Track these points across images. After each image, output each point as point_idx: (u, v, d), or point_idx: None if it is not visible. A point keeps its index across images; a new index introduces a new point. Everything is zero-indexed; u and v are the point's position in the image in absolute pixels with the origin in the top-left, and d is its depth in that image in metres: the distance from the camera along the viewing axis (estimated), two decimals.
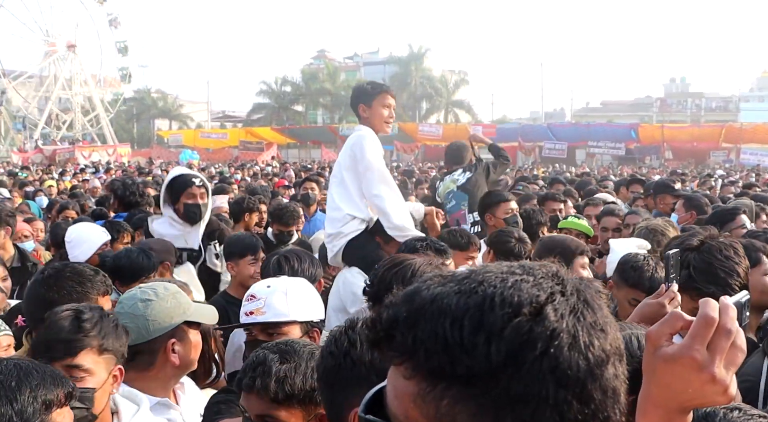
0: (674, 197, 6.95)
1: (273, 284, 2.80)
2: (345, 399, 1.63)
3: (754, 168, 32.81)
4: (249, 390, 2.00)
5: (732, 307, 1.03)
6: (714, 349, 1.02)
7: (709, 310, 1.02)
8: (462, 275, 0.92)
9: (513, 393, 0.83)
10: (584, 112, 78.33)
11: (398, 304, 0.91)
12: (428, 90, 65.23)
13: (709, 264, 2.60)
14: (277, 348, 2.06)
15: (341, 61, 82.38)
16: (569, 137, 46.82)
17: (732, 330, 1.02)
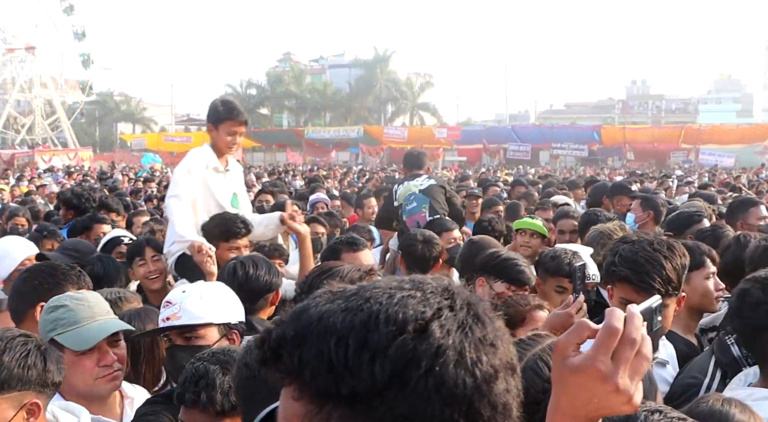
0: (630, 198, 7.03)
1: (188, 289, 2.78)
2: (261, 411, 1.60)
3: (712, 168, 33.42)
4: (193, 405, 1.96)
5: (638, 316, 1.03)
6: (618, 359, 1.02)
7: (614, 320, 1.02)
8: (351, 291, 0.89)
9: (398, 413, 0.81)
10: (548, 114, 79.20)
11: (287, 322, 0.88)
12: (393, 93, 65.33)
13: (634, 253, 2.61)
14: (215, 359, 2.02)
15: (307, 63, 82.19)
16: (533, 139, 47.33)
17: (636, 340, 1.02)
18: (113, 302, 3.08)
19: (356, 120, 63.93)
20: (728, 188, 15.13)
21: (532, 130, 52.05)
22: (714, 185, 14.69)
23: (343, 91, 67.75)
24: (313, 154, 52.19)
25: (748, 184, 18.21)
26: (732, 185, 16.95)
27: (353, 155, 52.84)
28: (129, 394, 2.70)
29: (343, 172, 27.22)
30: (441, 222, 5.49)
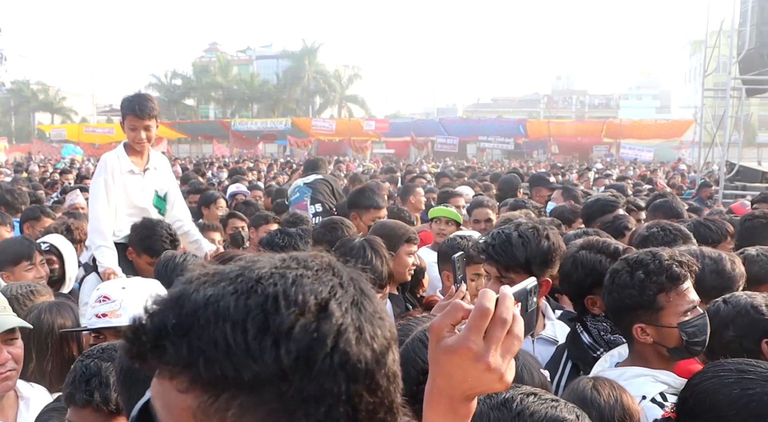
0: (549, 189, 7.28)
1: (127, 286, 2.70)
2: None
3: (632, 162, 34.52)
4: (85, 405, 1.89)
5: (509, 297, 1.05)
6: (489, 339, 1.04)
7: (485, 301, 1.04)
8: (233, 272, 0.85)
9: (306, 394, 0.80)
10: (475, 107, 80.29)
11: (164, 310, 0.82)
12: (322, 85, 65.12)
13: (507, 236, 2.79)
14: (107, 356, 1.95)
15: (234, 54, 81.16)
16: (460, 132, 47.87)
17: (507, 320, 1.04)
18: (24, 296, 3.00)
19: (284, 112, 63.46)
20: (645, 181, 15.71)
21: (460, 123, 52.65)
22: (631, 178, 15.24)
23: (270, 82, 67.14)
24: (240, 146, 51.53)
25: (666, 177, 18.88)
26: (649, 178, 17.58)
27: (281, 148, 52.43)
28: (24, 394, 2.57)
29: (269, 164, 26.95)
30: (370, 198, 5.50)
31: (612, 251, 2.76)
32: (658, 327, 2.29)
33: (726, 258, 2.92)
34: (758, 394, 1.69)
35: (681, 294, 2.27)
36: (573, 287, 2.82)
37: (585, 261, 2.76)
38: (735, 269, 2.90)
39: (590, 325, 2.77)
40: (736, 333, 2.40)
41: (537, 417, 1.49)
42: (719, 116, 13.19)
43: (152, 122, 4.46)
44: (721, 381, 1.76)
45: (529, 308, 1.19)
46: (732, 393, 1.71)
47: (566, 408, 1.53)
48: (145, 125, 4.43)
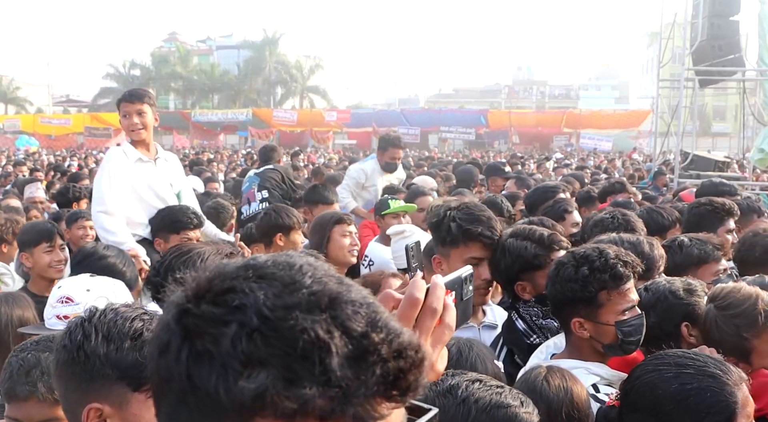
0: (504, 179, 7.34)
1: (92, 287, 2.63)
2: (79, 394, 1.57)
3: (591, 152, 34.93)
4: (28, 396, 1.85)
5: (440, 286, 1.04)
6: (419, 329, 1.02)
7: (415, 291, 1.02)
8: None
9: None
10: (437, 98, 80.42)
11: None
12: (283, 75, 64.58)
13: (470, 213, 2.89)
14: (44, 347, 1.92)
15: (193, 44, 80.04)
16: (422, 123, 47.99)
17: (437, 310, 1.03)
18: None
19: (245, 103, 62.85)
20: (601, 171, 15.95)
21: (421, 113, 52.77)
22: (589, 168, 15.45)
23: (231, 73, 66.42)
24: (201, 137, 50.98)
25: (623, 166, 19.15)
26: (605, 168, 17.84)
27: (242, 139, 51.97)
28: None
29: (230, 155, 26.72)
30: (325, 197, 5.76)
31: (537, 237, 2.78)
32: (596, 323, 2.33)
33: (644, 242, 3.00)
34: (695, 389, 1.72)
35: (622, 294, 2.32)
36: (502, 274, 2.85)
37: (512, 248, 2.79)
38: (654, 251, 2.97)
39: (522, 311, 2.81)
40: (656, 318, 2.46)
41: (481, 403, 1.51)
42: (674, 107, 13.41)
43: (145, 106, 4.39)
44: (661, 375, 1.79)
45: (464, 297, 1.19)
46: (671, 388, 1.75)
47: (510, 395, 1.56)
48: (137, 110, 4.36)
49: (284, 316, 0.71)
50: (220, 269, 0.77)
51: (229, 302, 0.72)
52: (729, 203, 4.23)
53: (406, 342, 0.74)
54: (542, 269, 2.70)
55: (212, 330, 0.71)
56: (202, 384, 0.70)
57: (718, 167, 11.32)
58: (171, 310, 0.76)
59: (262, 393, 0.69)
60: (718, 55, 11.25)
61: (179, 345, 0.73)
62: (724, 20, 11.30)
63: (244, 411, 0.69)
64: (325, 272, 0.78)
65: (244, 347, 0.69)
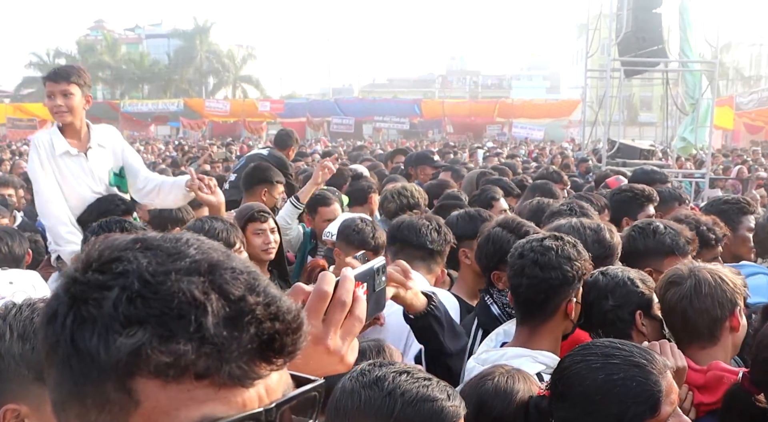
0: (433, 168, 7.38)
1: (15, 280, 2.58)
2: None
3: (523, 141, 35.51)
4: None
5: (350, 279, 1.06)
6: (328, 321, 1.04)
7: (323, 284, 1.04)
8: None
9: None
10: (371, 88, 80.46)
11: None
12: (215, 65, 63.50)
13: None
14: None
15: (121, 33, 77.89)
16: (356, 112, 47.91)
17: (346, 302, 1.04)
18: None
19: (176, 93, 61.54)
20: (532, 159, 16.26)
21: (355, 103, 52.66)
22: (519, 156, 15.73)
23: (161, 62, 64.94)
24: (131, 128, 49.69)
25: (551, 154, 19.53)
26: (536, 156, 18.19)
27: (174, 129, 50.93)
28: None
29: (161, 146, 26.17)
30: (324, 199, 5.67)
31: (523, 232, 2.85)
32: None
33: (605, 228, 3.04)
34: (621, 379, 1.75)
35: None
36: (483, 260, 2.96)
37: (495, 238, 2.88)
38: (613, 237, 3.02)
39: (495, 298, 2.88)
40: (614, 302, 2.50)
41: (408, 396, 1.51)
42: (602, 96, 13.70)
43: (72, 87, 3.93)
44: (588, 365, 1.82)
45: (377, 288, 1.21)
46: (598, 379, 1.78)
47: (438, 387, 1.55)
48: (62, 90, 3.93)
49: (164, 280, 0.73)
50: (111, 242, 0.79)
51: (113, 269, 0.75)
52: (648, 189, 4.37)
53: (284, 306, 0.77)
54: None
55: (96, 295, 0.73)
56: (84, 346, 0.72)
57: (643, 155, 11.62)
58: (61, 280, 0.79)
59: (138, 348, 0.70)
60: (642, 47, 11.52)
61: (65, 312, 0.74)
62: (647, 13, 11.57)
63: (122, 369, 0.71)
64: (211, 246, 0.80)
65: (124, 309, 0.72)
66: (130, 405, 0.73)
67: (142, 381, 0.72)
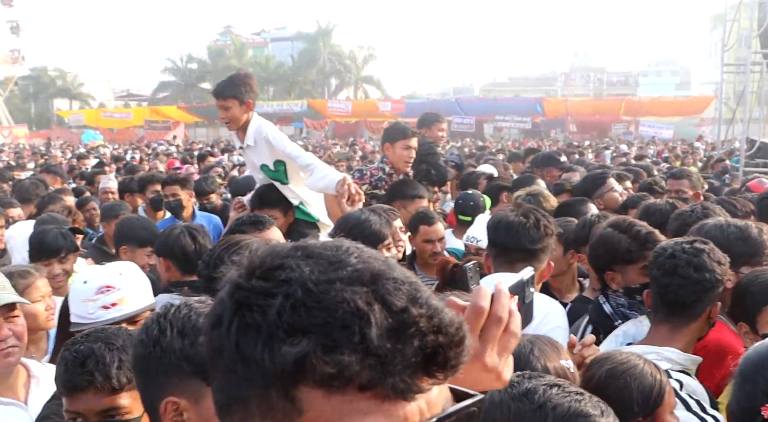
0: (560, 169, 7.19)
1: (122, 270, 2.69)
2: (157, 388, 1.59)
3: (650, 140, 34.12)
4: (86, 387, 1.86)
5: (505, 294, 1.03)
6: (485, 338, 1.02)
7: (479, 299, 1.01)
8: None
9: None
10: (492, 86, 79.77)
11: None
12: (337, 66, 64.87)
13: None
14: (95, 338, 1.93)
15: (248, 37, 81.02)
16: (477, 112, 47.57)
17: (503, 318, 1.02)
18: (20, 275, 2.98)
19: (300, 94, 63.32)
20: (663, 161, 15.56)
21: (476, 102, 52.34)
22: (648, 157, 15.08)
23: (286, 64, 67.00)
24: None
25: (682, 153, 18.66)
26: (666, 157, 17.40)
27: (297, 130, 52.41)
28: (36, 373, 2.58)
29: None
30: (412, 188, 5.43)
31: (634, 233, 2.82)
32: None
33: (752, 226, 2.95)
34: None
35: None
36: (596, 261, 2.96)
37: (608, 239, 2.86)
38: (762, 236, 2.90)
39: (610, 299, 2.87)
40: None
41: (559, 410, 1.44)
42: (740, 92, 12.98)
43: (228, 101, 4.44)
44: None
45: (526, 299, 1.18)
46: None
47: (591, 403, 1.48)
48: (222, 105, 4.48)
49: (327, 289, 0.73)
50: (272, 249, 0.81)
51: (277, 276, 0.76)
52: None
53: (446, 319, 0.76)
54: (634, 263, 2.77)
55: (260, 302, 0.74)
56: (249, 353, 0.73)
57: None
58: (226, 286, 0.80)
59: (303, 357, 0.71)
60: None
61: (230, 318, 0.76)
62: None
63: (287, 377, 0.72)
64: (371, 254, 0.80)
65: (288, 317, 0.72)
66: (294, 413, 0.74)
67: (305, 390, 0.73)
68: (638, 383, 1.92)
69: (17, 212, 5.71)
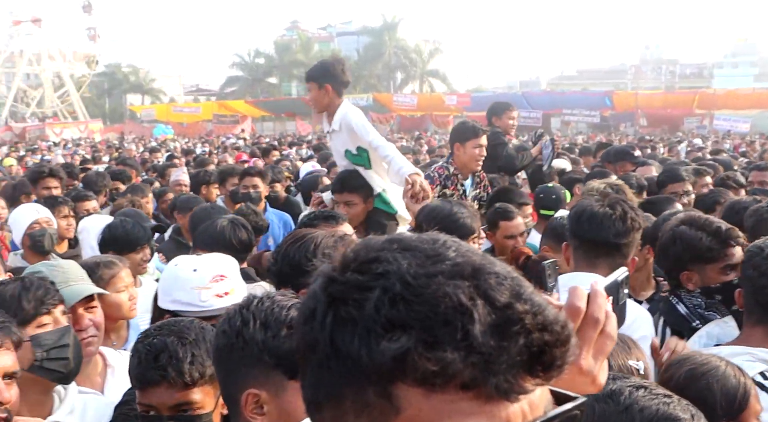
0: (633, 164, 6.99)
1: (228, 261, 2.69)
2: (238, 380, 1.59)
3: (726, 134, 33.03)
4: (159, 381, 1.86)
5: (601, 294, 1.00)
6: (582, 340, 0.98)
7: (576, 300, 0.98)
8: None
9: None
10: (559, 80, 78.56)
11: None
12: (402, 60, 64.92)
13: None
14: (168, 331, 1.93)
15: (314, 32, 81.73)
16: (544, 106, 46.81)
17: (600, 319, 0.99)
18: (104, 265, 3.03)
19: (365, 88, 63.53)
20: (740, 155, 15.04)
21: (543, 96, 51.59)
22: (725, 151, 14.58)
23: (351, 58, 67.29)
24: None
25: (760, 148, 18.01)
26: (743, 151, 16.81)
27: None
28: (112, 362, 2.64)
29: None
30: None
31: (714, 230, 2.67)
32: None
33: None
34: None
35: None
36: (669, 261, 2.80)
37: (684, 237, 2.70)
38: None
39: (684, 298, 2.74)
40: None
41: (647, 413, 1.40)
42: None
43: (309, 84, 4.64)
44: None
45: (620, 301, 1.14)
46: None
47: (680, 406, 1.43)
48: (307, 87, 4.72)
49: (427, 282, 0.70)
50: (367, 242, 0.78)
51: (373, 269, 0.73)
52: None
53: (551, 316, 0.72)
54: (714, 262, 2.63)
55: (356, 296, 0.72)
56: (345, 348, 0.71)
57: None
58: (318, 280, 0.77)
59: (403, 354, 0.68)
60: None
61: (324, 312, 0.73)
62: None
63: (385, 374, 0.69)
64: (468, 248, 0.77)
65: (386, 311, 0.69)
66: (391, 412, 0.71)
67: (404, 388, 0.70)
68: (721, 385, 1.84)
69: (92, 204, 5.76)
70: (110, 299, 2.72)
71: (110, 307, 2.61)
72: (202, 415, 1.88)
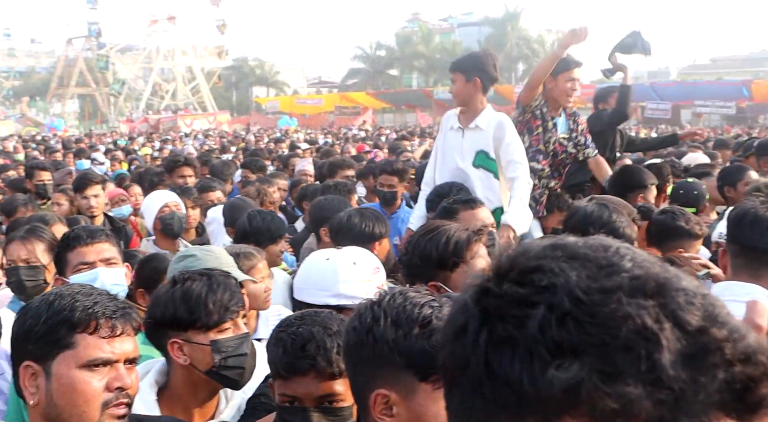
0: None
1: (365, 251, 2.66)
2: (367, 379, 1.52)
3: None
4: (306, 371, 1.82)
5: None
6: None
7: (755, 316, 0.84)
8: None
9: None
10: (691, 69, 74.92)
11: None
12: (525, 51, 63.72)
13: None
14: (312, 321, 1.88)
15: (435, 23, 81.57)
16: (674, 97, 44.73)
17: None
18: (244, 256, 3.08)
19: None
20: None
21: (673, 87, 49.27)
22: None
23: (472, 50, 66.76)
24: (443, 114, 51.80)
25: None
26: None
27: None
28: None
29: None
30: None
31: None
32: None
33: None
34: None
35: None
36: None
37: None
38: None
39: None
40: None
41: None
42: None
43: (455, 75, 4.50)
44: None
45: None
46: None
47: None
48: (451, 79, 4.56)
49: (603, 300, 0.61)
50: (525, 247, 0.69)
51: (536, 281, 0.64)
52: None
53: (754, 344, 0.61)
54: None
55: (516, 312, 0.63)
56: (502, 373, 0.62)
57: None
58: (469, 290, 0.69)
59: (576, 386, 0.59)
60: None
61: (477, 328, 0.65)
62: None
63: (552, 407, 0.60)
64: (645, 257, 0.66)
65: (554, 332, 0.60)
66: None
67: None
68: None
69: (216, 195, 5.84)
70: (250, 289, 2.74)
71: (248, 297, 2.63)
72: (344, 407, 1.84)
